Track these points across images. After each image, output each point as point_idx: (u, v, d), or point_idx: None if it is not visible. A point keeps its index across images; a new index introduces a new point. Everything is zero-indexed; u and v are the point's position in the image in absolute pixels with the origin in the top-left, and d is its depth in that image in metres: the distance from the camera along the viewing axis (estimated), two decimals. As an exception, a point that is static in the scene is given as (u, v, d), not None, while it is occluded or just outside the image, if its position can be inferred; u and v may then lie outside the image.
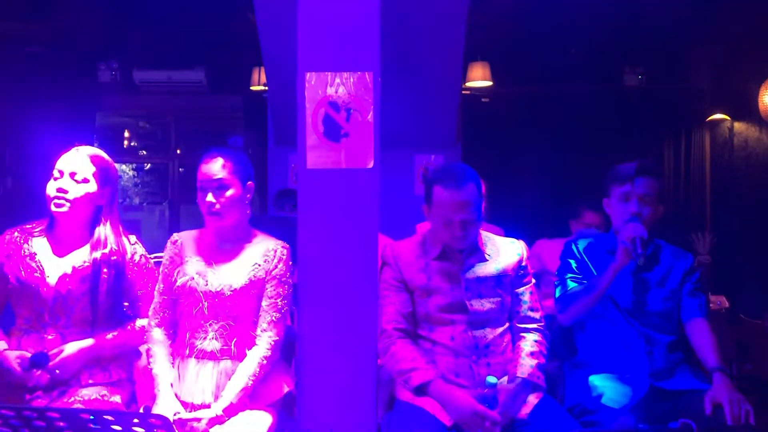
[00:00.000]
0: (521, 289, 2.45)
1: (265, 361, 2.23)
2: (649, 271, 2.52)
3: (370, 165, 2.33)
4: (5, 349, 2.24)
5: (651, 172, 2.54)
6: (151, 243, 2.50)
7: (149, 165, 8.32)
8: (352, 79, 2.31)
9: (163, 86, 6.61)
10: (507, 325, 2.43)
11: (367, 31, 2.32)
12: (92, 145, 7.21)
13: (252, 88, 6.20)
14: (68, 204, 2.29)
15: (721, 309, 4.18)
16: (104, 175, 2.37)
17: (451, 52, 4.29)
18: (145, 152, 8.03)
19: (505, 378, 2.31)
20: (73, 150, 2.36)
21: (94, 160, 2.36)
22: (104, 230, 2.36)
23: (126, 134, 7.90)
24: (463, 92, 5.41)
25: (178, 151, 7.36)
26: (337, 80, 2.31)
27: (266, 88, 5.40)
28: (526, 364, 2.31)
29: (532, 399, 2.26)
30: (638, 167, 2.53)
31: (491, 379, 2.20)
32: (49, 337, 2.28)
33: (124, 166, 8.55)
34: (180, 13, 5.28)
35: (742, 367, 4.66)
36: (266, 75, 4.90)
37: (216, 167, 2.30)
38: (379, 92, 2.34)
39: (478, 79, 5.87)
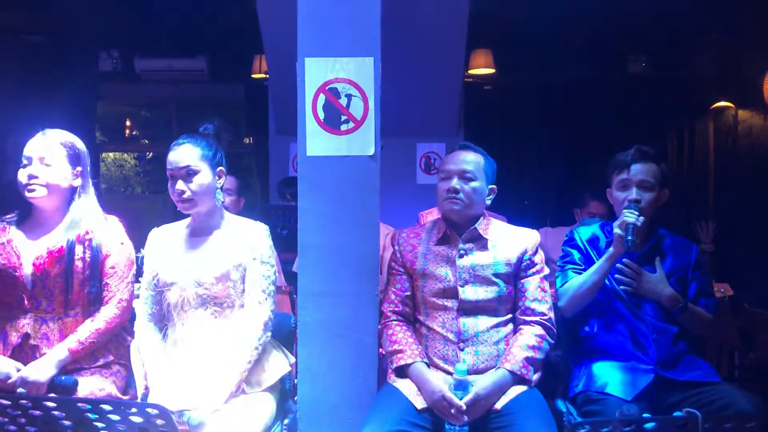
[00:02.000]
0: (525, 281, 2.39)
1: (256, 343, 2.21)
2: (652, 263, 2.50)
3: (372, 152, 2.31)
4: None
5: (648, 157, 2.52)
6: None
7: (151, 154, 8.31)
8: (352, 65, 2.29)
9: (165, 75, 6.59)
10: (510, 316, 2.40)
11: (367, 16, 2.30)
12: (94, 134, 7.19)
13: (253, 76, 6.17)
14: (41, 188, 2.29)
15: (724, 297, 4.16)
16: (74, 155, 2.36)
17: (454, 39, 4.27)
18: (146, 141, 8.02)
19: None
20: (39, 134, 2.35)
21: (63, 142, 2.35)
22: (78, 210, 2.35)
23: (128, 123, 7.89)
24: (466, 80, 5.37)
25: (181, 140, 7.34)
26: (338, 66, 2.29)
27: (267, 76, 5.37)
28: (514, 356, 2.26)
29: (512, 392, 2.21)
30: (634, 153, 2.51)
31: (460, 366, 2.18)
32: (32, 322, 2.28)
33: (126, 155, 8.54)
34: (180, 1, 5.24)
35: (746, 356, 4.64)
36: (267, 63, 4.88)
37: (184, 153, 2.27)
38: (380, 78, 2.31)
39: (481, 66, 5.82)
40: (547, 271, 2.46)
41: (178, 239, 2.36)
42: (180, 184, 2.25)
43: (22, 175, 2.30)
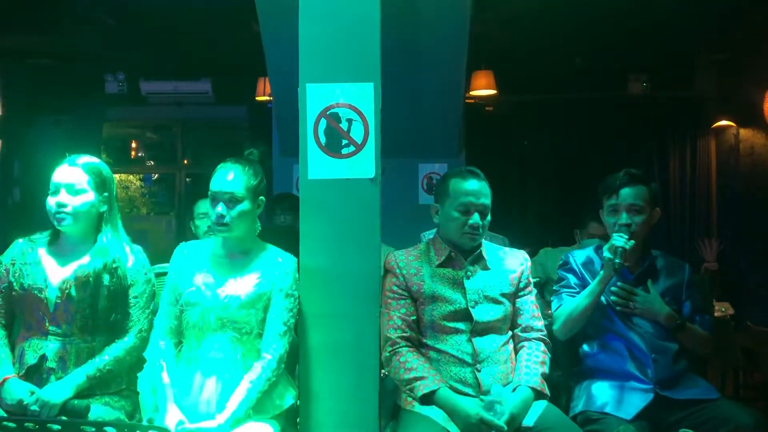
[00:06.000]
0: (523, 299, 2.46)
1: (270, 374, 2.22)
2: (644, 284, 2.52)
3: (372, 175, 2.34)
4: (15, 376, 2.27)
5: (636, 180, 2.54)
6: (158, 253, 2.51)
7: (156, 175, 8.36)
8: (353, 90, 2.33)
9: (170, 97, 6.66)
10: (510, 334, 2.43)
11: (367, 43, 2.34)
12: (99, 156, 7.25)
13: (257, 98, 6.23)
14: (70, 217, 2.32)
15: (725, 316, 4.16)
16: (99, 181, 2.39)
17: (454, 61, 4.30)
18: (152, 163, 8.07)
19: (510, 387, 2.31)
20: (66, 162, 2.38)
21: (88, 168, 2.38)
22: (106, 237, 2.38)
23: (133, 145, 7.94)
24: (467, 101, 5.41)
25: (185, 162, 7.40)
26: (338, 91, 2.32)
27: (271, 98, 5.42)
28: (531, 373, 2.31)
29: (537, 407, 2.26)
30: (621, 178, 2.54)
31: (497, 388, 2.20)
32: (51, 345, 2.29)
33: (131, 177, 8.58)
34: (186, 25, 5.31)
35: (751, 375, 4.63)
36: (271, 86, 4.92)
37: (231, 179, 2.29)
38: (380, 103, 2.35)
39: (482, 87, 5.86)
40: (534, 290, 2.51)
41: (207, 259, 2.36)
42: (221, 208, 2.27)
43: (51, 204, 2.33)
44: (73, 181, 2.34)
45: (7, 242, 2.45)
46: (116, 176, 8.79)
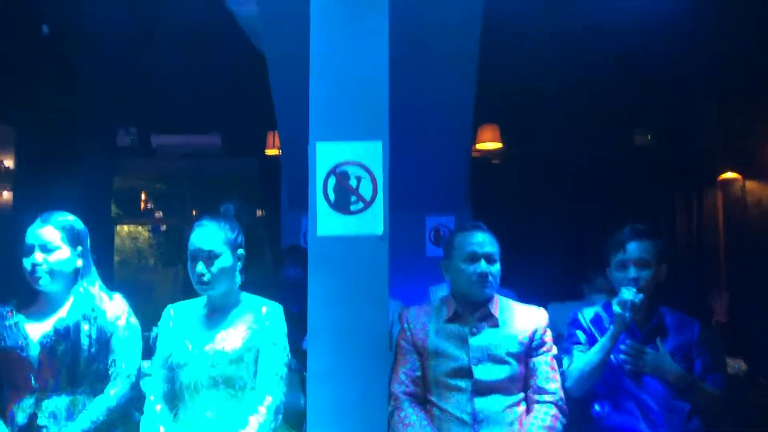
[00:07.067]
0: (537, 359, 2.40)
1: (267, 427, 2.21)
2: (653, 342, 2.51)
3: (381, 232, 2.36)
4: None
5: (643, 235, 2.54)
6: (165, 304, 2.51)
7: (165, 227, 8.41)
8: (362, 149, 2.36)
9: (180, 149, 6.74)
10: (522, 395, 2.39)
11: (376, 102, 2.38)
12: (110, 208, 7.27)
13: (267, 152, 6.30)
14: (47, 275, 2.36)
15: (739, 372, 4.10)
16: (72, 236, 2.43)
17: (461, 115, 4.36)
18: (161, 214, 8.13)
19: None
20: (38, 221, 2.42)
21: (60, 225, 2.42)
22: (82, 289, 2.41)
23: (142, 197, 8.02)
24: (474, 154, 5.46)
25: (194, 213, 7.45)
26: (348, 149, 2.36)
27: (280, 152, 5.48)
28: None
29: None
30: (628, 233, 2.54)
31: None
32: (39, 402, 2.30)
33: (140, 228, 8.64)
34: (196, 78, 5.42)
35: (765, 432, 4.52)
36: (280, 140, 4.98)
37: (207, 237, 2.33)
38: (389, 161, 2.38)
39: (488, 141, 5.93)
40: (555, 350, 2.46)
41: (193, 318, 2.39)
42: (200, 267, 2.30)
43: (26, 264, 2.37)
44: (47, 239, 2.38)
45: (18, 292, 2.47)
46: (125, 227, 8.86)
